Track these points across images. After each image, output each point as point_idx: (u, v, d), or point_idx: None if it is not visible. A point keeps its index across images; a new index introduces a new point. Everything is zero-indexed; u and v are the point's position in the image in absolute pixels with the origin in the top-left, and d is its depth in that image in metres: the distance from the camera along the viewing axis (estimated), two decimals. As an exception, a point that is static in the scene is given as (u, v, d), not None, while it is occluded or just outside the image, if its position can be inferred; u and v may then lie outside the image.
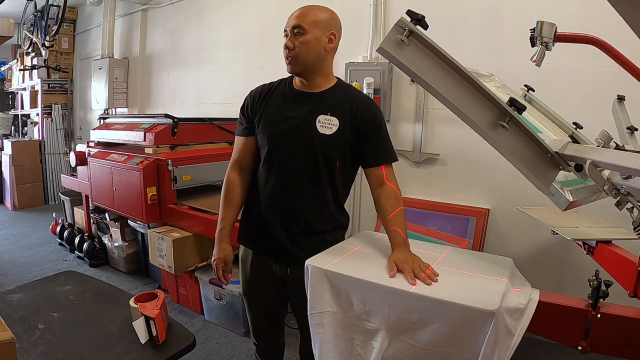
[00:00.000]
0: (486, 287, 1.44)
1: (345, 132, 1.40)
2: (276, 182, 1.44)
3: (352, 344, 1.52)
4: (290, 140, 1.41)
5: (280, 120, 1.41)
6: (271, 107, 1.44)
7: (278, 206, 1.43)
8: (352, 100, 1.42)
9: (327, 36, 1.37)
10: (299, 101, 1.42)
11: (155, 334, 1.20)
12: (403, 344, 1.40)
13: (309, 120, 1.39)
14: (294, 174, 1.42)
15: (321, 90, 1.42)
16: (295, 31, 1.37)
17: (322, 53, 1.37)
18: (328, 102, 1.41)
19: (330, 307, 1.56)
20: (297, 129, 1.40)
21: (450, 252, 1.84)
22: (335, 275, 1.56)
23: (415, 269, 1.33)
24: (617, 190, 1.19)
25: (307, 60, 1.36)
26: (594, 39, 1.47)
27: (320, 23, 1.37)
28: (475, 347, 1.27)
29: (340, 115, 1.40)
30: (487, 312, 1.25)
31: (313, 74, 1.40)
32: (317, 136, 1.38)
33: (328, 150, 1.41)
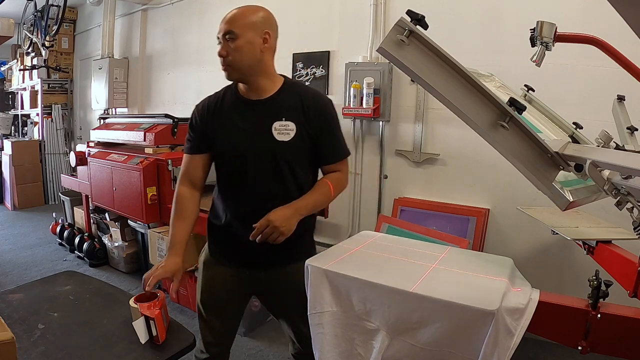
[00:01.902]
0: (486, 287, 1.44)
1: (303, 134, 1.37)
2: (244, 196, 1.41)
3: (352, 344, 1.52)
4: (250, 153, 1.37)
5: (236, 134, 1.37)
6: (223, 121, 1.39)
7: (250, 219, 1.35)
8: (303, 100, 1.38)
9: (262, 37, 1.32)
10: (250, 110, 1.38)
11: (155, 334, 1.20)
12: (403, 344, 1.40)
13: (264, 129, 1.35)
14: (261, 186, 1.40)
15: (269, 94, 1.38)
16: (227, 37, 1.30)
17: (259, 55, 1.32)
18: (280, 107, 1.37)
19: (330, 307, 1.56)
20: (255, 140, 1.36)
21: (450, 252, 1.84)
22: (336, 275, 1.56)
23: (267, 232, 1.30)
24: (617, 190, 1.19)
25: (243, 65, 1.31)
26: (594, 39, 1.47)
27: (252, 24, 1.30)
28: (475, 347, 1.27)
29: (296, 118, 1.36)
30: (487, 312, 1.25)
31: (254, 77, 1.35)
32: (276, 144, 1.35)
33: (290, 157, 1.38)
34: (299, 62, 3.40)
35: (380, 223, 2.67)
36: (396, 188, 3.01)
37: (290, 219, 1.34)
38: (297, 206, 1.38)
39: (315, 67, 3.31)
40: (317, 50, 3.30)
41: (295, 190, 1.42)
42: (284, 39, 3.74)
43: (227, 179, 1.44)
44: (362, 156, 3.15)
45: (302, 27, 3.40)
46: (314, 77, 3.33)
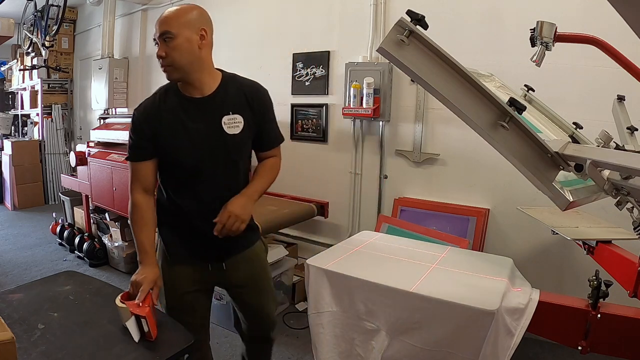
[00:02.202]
0: (486, 287, 1.45)
1: (250, 125, 1.42)
2: (201, 194, 1.43)
3: (351, 344, 1.53)
4: (205, 151, 1.39)
5: (188, 134, 1.37)
6: (171, 123, 1.38)
7: (208, 215, 1.38)
8: (245, 93, 1.43)
9: (198, 34, 1.32)
10: (196, 109, 1.39)
11: (147, 331, 1.20)
12: (403, 344, 1.41)
13: (215, 125, 1.38)
14: (217, 181, 1.43)
15: (212, 90, 1.40)
16: (164, 38, 1.29)
17: (197, 52, 1.33)
18: (226, 101, 1.40)
19: (330, 307, 1.56)
20: (208, 138, 1.38)
21: (450, 252, 1.84)
22: (336, 275, 1.56)
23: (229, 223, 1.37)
24: (617, 190, 1.19)
25: (183, 64, 1.31)
26: (594, 39, 1.48)
27: (188, 23, 1.30)
28: (476, 347, 1.28)
29: (242, 111, 1.41)
30: (487, 312, 1.25)
31: (195, 74, 1.36)
32: (228, 138, 1.38)
33: (241, 148, 1.44)
34: (299, 62, 3.40)
35: (380, 223, 2.67)
36: (396, 188, 3.01)
37: (246, 206, 1.42)
38: (249, 193, 1.45)
39: (315, 67, 3.31)
40: (317, 50, 3.30)
41: (243, 180, 1.49)
42: (284, 39, 3.77)
43: (181, 179, 1.43)
44: (362, 156, 3.15)
45: (302, 27, 3.40)
46: (314, 77, 3.33)
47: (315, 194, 3.27)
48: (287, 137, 3.47)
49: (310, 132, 3.40)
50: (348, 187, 3.22)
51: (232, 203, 1.39)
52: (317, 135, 3.35)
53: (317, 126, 3.35)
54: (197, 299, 1.54)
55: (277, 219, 2.74)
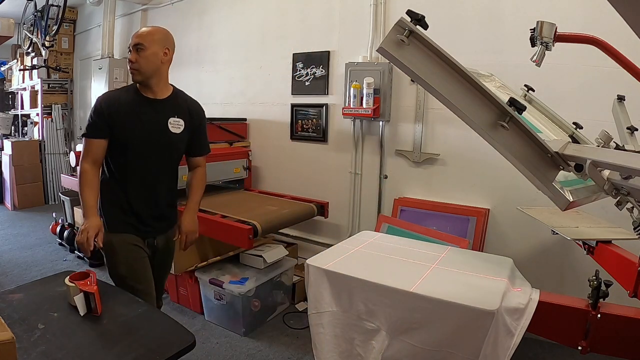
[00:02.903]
0: (486, 287, 1.45)
1: (187, 130, 1.78)
2: (143, 178, 1.73)
3: (352, 344, 1.53)
4: (152, 142, 1.70)
5: (141, 125, 1.67)
6: (129, 114, 1.66)
7: (148, 196, 1.74)
8: (188, 105, 1.82)
9: (163, 51, 1.68)
10: (151, 107, 1.70)
11: (94, 306, 1.34)
12: (403, 344, 1.41)
13: (163, 123, 1.71)
14: (157, 169, 1.75)
15: (165, 96, 1.74)
16: (137, 48, 1.63)
17: (159, 65, 1.68)
18: (174, 107, 1.75)
19: (330, 307, 1.56)
20: (157, 131, 1.70)
21: (450, 252, 1.84)
22: (336, 275, 1.56)
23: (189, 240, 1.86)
24: (617, 190, 1.19)
25: (147, 70, 1.65)
26: (594, 39, 1.47)
27: (157, 40, 1.66)
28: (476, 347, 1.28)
29: (184, 117, 1.77)
30: (487, 312, 1.25)
31: (153, 80, 1.68)
32: (171, 135, 1.73)
33: (179, 146, 1.78)
34: (299, 62, 3.40)
35: (380, 223, 2.67)
36: (396, 188, 3.01)
37: (194, 219, 1.88)
38: (192, 207, 1.88)
39: (315, 67, 3.31)
40: (317, 50, 3.30)
41: (173, 174, 1.84)
42: (284, 39, 3.77)
43: (129, 163, 1.70)
44: (362, 156, 3.15)
45: (302, 27, 3.40)
46: (314, 77, 3.33)
47: (315, 194, 3.27)
48: (287, 137, 3.52)
49: (310, 132, 3.40)
50: (348, 187, 3.22)
51: (185, 223, 1.84)
52: (317, 135, 3.35)
53: (317, 126, 3.35)
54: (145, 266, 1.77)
55: (277, 219, 2.74)
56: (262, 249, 2.82)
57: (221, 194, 3.33)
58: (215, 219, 2.64)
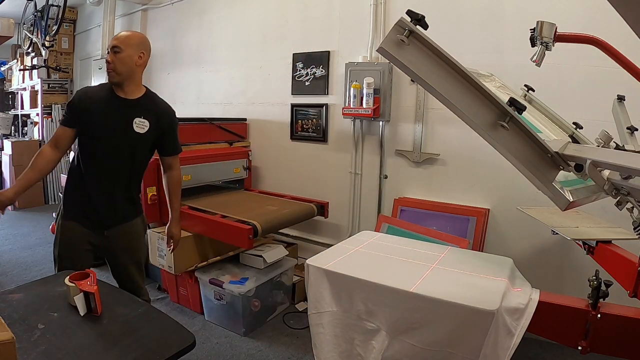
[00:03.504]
0: (486, 287, 1.45)
1: (152, 131, 1.85)
2: (105, 172, 1.82)
3: (352, 344, 1.53)
4: (116, 138, 1.79)
5: (110, 122, 1.78)
6: (99, 110, 1.77)
7: (106, 189, 1.84)
8: (157, 107, 1.90)
9: (138, 54, 1.78)
10: (120, 106, 1.80)
11: (94, 306, 1.34)
12: (403, 344, 1.41)
13: (129, 122, 1.80)
14: (118, 166, 1.84)
15: (136, 97, 1.83)
16: (115, 50, 1.74)
17: (134, 67, 1.79)
18: (142, 108, 1.83)
19: (330, 307, 1.56)
20: (122, 129, 1.79)
21: (450, 252, 1.84)
22: (336, 275, 1.56)
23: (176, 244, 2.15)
24: (617, 190, 1.19)
25: (122, 72, 1.76)
26: (594, 39, 1.47)
27: (133, 44, 1.77)
28: (476, 347, 1.28)
29: (150, 118, 1.84)
30: (487, 312, 1.25)
31: (127, 81, 1.79)
32: (134, 134, 1.81)
33: (141, 145, 1.86)
34: (299, 62, 3.40)
35: (380, 223, 2.67)
36: (396, 188, 3.01)
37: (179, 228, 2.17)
38: (177, 217, 2.13)
39: (315, 67, 3.31)
40: (317, 50, 3.30)
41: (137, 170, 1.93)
42: (284, 39, 3.77)
43: (93, 156, 1.81)
44: (362, 156, 3.15)
45: (302, 27, 3.40)
46: (314, 77, 3.33)
47: (315, 194, 3.27)
48: (287, 137, 3.52)
49: (310, 132, 3.40)
50: (348, 187, 3.22)
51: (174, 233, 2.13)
52: (317, 135, 3.35)
53: (317, 126, 3.35)
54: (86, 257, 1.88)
55: (277, 219, 2.74)
56: (262, 249, 2.82)
57: (221, 194, 3.33)
58: (215, 219, 2.64)
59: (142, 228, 2.04)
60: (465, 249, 2.16)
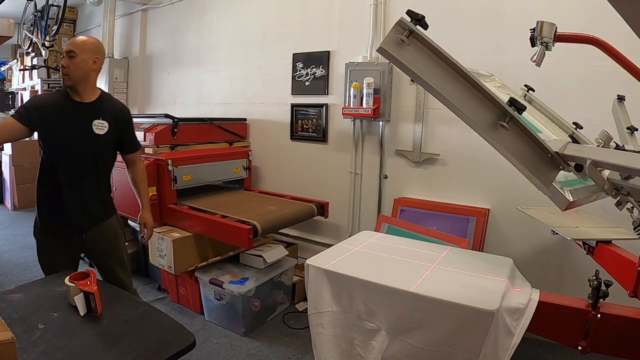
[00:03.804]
0: (486, 287, 1.45)
1: (112, 131, 1.88)
2: (72, 177, 1.84)
3: (352, 344, 1.53)
4: (76, 142, 1.81)
5: (68, 125, 1.79)
6: (54, 115, 1.78)
7: (72, 195, 1.85)
8: (113, 108, 1.93)
9: (93, 59, 1.81)
10: (77, 110, 1.82)
11: (94, 306, 1.35)
12: (403, 344, 1.41)
13: (88, 124, 1.82)
14: (84, 169, 1.86)
15: (92, 100, 1.85)
16: (70, 54, 1.76)
17: (88, 72, 1.80)
18: (99, 110, 1.86)
19: (330, 307, 1.56)
20: (81, 132, 1.81)
21: (450, 252, 1.84)
22: (336, 275, 1.56)
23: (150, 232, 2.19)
24: (617, 190, 1.19)
25: (77, 76, 1.78)
26: (594, 39, 1.47)
27: (88, 50, 1.79)
28: (476, 347, 1.28)
29: (109, 119, 1.87)
30: (487, 312, 1.25)
31: (82, 86, 1.81)
32: (94, 136, 1.84)
33: (103, 146, 1.89)
34: (299, 62, 3.40)
35: (380, 223, 2.67)
36: (396, 188, 3.01)
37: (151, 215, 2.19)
38: (147, 206, 2.17)
39: (315, 67, 3.31)
40: (317, 50, 3.30)
41: (103, 171, 1.96)
42: (284, 39, 3.77)
43: (54, 159, 1.82)
44: (362, 156, 3.15)
45: (302, 27, 3.40)
46: (314, 77, 3.33)
47: (315, 194, 3.27)
48: (287, 137, 3.52)
49: (310, 132, 3.40)
50: (348, 187, 3.22)
51: (147, 221, 2.15)
52: (317, 135, 3.35)
53: (317, 126, 3.35)
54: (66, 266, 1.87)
55: (277, 219, 2.74)
56: (262, 249, 2.82)
57: (221, 194, 3.33)
58: (215, 219, 2.64)
59: (118, 226, 2.06)
60: (465, 249, 2.16)
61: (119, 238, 2.05)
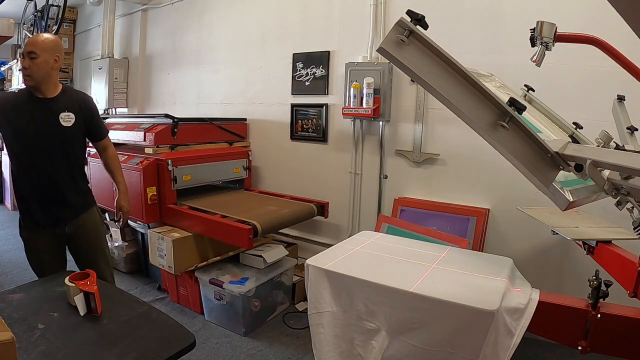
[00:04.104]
0: (486, 287, 1.45)
1: (79, 121, 1.94)
2: (43, 171, 1.88)
3: (352, 344, 1.53)
4: (46, 137, 1.85)
5: (34, 122, 1.83)
6: (19, 114, 1.82)
7: (49, 190, 1.90)
8: (77, 99, 1.98)
9: (53, 58, 1.84)
10: (42, 105, 1.86)
11: (94, 306, 1.35)
12: (403, 344, 1.41)
13: (54, 118, 1.87)
14: (55, 161, 1.89)
15: (55, 95, 1.90)
16: (30, 55, 1.78)
17: (50, 71, 1.84)
18: (64, 103, 1.91)
19: (330, 307, 1.56)
20: (48, 126, 1.86)
21: (450, 252, 1.84)
22: (336, 275, 1.56)
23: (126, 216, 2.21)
24: (617, 190, 1.19)
25: (39, 76, 1.81)
26: (594, 39, 1.47)
27: (48, 49, 1.82)
28: (476, 347, 1.28)
29: (74, 110, 1.93)
30: (487, 312, 1.25)
31: (45, 85, 1.85)
32: (63, 128, 1.89)
33: (71, 137, 1.94)
34: (299, 62, 3.40)
35: (380, 223, 2.67)
36: (396, 188, 3.01)
37: (128, 199, 2.21)
38: (123, 189, 2.19)
39: (315, 67, 3.31)
40: (317, 50, 3.30)
41: (75, 162, 1.99)
42: (284, 39, 3.77)
43: (26, 157, 1.87)
44: (362, 156, 3.15)
45: (302, 27, 3.40)
46: (314, 77, 3.33)
47: (315, 194, 3.27)
48: (287, 137, 3.52)
49: (310, 132, 3.40)
50: (348, 187, 3.22)
51: (123, 205, 2.17)
52: (317, 135, 3.35)
53: (317, 126, 3.35)
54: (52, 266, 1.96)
55: (277, 219, 2.74)
56: (262, 249, 2.82)
57: (221, 194, 3.33)
58: (215, 219, 2.64)
59: (98, 218, 2.13)
60: (465, 249, 2.16)
61: (99, 229, 2.11)
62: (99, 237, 2.11)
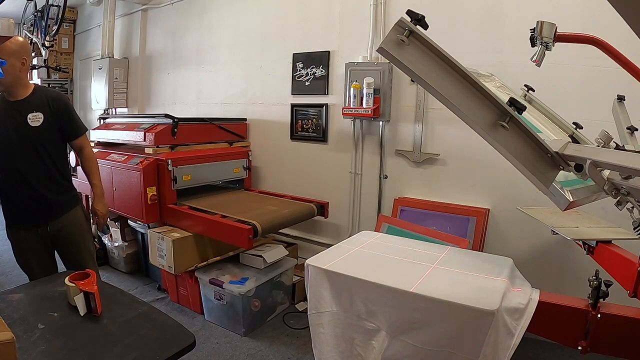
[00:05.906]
0: (486, 287, 1.45)
1: (49, 120, 1.93)
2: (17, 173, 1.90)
3: (352, 344, 1.53)
4: (14, 137, 1.88)
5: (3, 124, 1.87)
6: None
7: (27, 191, 1.92)
8: (47, 97, 1.96)
9: (20, 61, 1.87)
10: (11, 108, 1.90)
11: (94, 306, 1.35)
12: (403, 344, 1.41)
13: (22, 119, 1.89)
14: (28, 162, 1.91)
15: (25, 96, 1.92)
16: None
17: (18, 74, 1.87)
18: (32, 103, 1.92)
19: (330, 307, 1.57)
20: (17, 128, 1.88)
21: (450, 252, 1.84)
22: (336, 275, 1.56)
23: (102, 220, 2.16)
24: (617, 190, 1.19)
25: (7, 82, 1.84)
26: (594, 39, 1.47)
27: (14, 53, 1.84)
28: (476, 347, 1.28)
29: (43, 110, 1.93)
30: (487, 312, 1.25)
31: (14, 88, 1.89)
32: (31, 129, 1.90)
33: (41, 138, 1.93)
34: (299, 62, 3.40)
35: (380, 223, 2.67)
36: (396, 188, 3.01)
37: (104, 203, 2.16)
38: (99, 193, 2.15)
39: (315, 67, 3.31)
40: (317, 50, 3.30)
41: (50, 161, 1.97)
42: (284, 39, 3.77)
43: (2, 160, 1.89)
44: (362, 156, 3.15)
45: (302, 27, 3.40)
46: (314, 77, 3.33)
47: (315, 194, 3.27)
48: (287, 137, 3.52)
49: (310, 132, 3.40)
50: (348, 187, 3.22)
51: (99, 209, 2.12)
52: (317, 135, 3.35)
53: (317, 126, 3.35)
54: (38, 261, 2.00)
55: (277, 219, 2.74)
56: (262, 249, 2.82)
57: (221, 194, 3.33)
58: (215, 219, 2.64)
59: (83, 216, 2.12)
60: (465, 249, 2.16)
61: (84, 228, 2.11)
62: (84, 237, 2.11)
